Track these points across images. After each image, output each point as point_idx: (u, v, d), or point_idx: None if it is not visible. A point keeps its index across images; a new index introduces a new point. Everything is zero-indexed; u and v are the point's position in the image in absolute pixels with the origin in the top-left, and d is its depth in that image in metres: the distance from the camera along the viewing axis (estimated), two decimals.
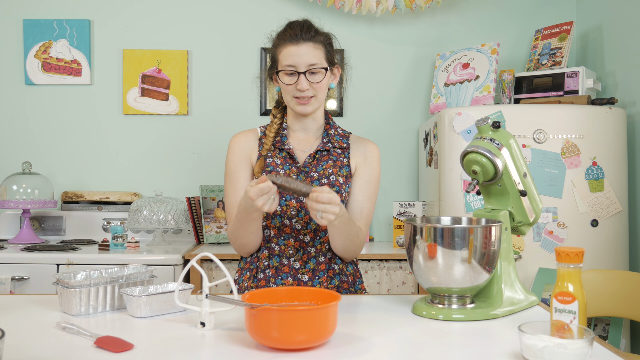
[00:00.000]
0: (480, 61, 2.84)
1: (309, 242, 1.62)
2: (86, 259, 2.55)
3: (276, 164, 1.64)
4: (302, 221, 1.60)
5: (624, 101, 2.73)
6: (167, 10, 3.19)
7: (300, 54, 1.57)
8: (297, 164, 1.64)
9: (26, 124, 3.19)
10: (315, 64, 1.58)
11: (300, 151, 1.68)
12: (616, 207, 2.51)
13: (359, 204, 1.66)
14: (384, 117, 3.24)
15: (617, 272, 2.36)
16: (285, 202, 1.60)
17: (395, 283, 2.68)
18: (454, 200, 2.53)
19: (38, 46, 3.15)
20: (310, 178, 1.62)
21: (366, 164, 1.70)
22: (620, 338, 2.42)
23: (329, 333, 1.09)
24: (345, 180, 1.64)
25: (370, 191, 1.69)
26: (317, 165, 1.64)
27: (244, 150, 1.69)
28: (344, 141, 1.71)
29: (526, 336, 1.01)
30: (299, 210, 1.60)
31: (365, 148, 1.72)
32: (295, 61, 1.58)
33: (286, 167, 1.64)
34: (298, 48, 1.58)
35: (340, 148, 1.69)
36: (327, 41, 1.64)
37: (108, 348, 1.07)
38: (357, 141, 1.73)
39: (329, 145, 1.67)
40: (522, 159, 1.44)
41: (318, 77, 1.60)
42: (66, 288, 1.32)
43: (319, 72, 1.59)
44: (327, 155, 1.67)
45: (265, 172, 1.63)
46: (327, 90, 1.66)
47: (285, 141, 1.67)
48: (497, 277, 1.38)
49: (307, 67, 1.58)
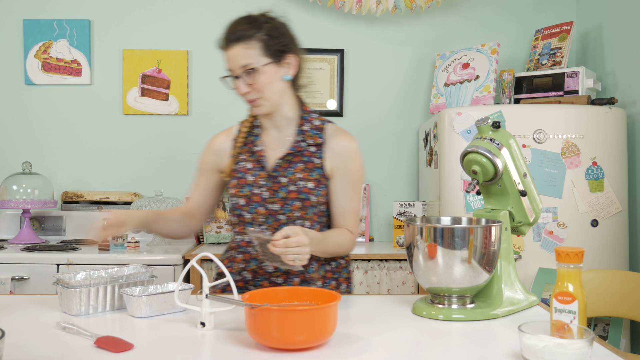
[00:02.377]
0: (480, 61, 2.84)
1: None
2: (86, 259, 2.54)
3: (246, 169, 1.61)
4: (272, 228, 1.57)
5: (624, 101, 2.73)
6: (167, 10, 3.19)
7: (231, 58, 1.52)
8: (266, 170, 1.59)
9: (26, 124, 3.19)
10: (247, 64, 1.51)
11: (271, 151, 1.62)
12: (616, 207, 2.51)
13: (341, 208, 1.61)
14: (384, 117, 3.24)
15: (617, 272, 2.36)
16: (254, 209, 1.58)
17: (395, 283, 2.68)
18: (454, 200, 2.53)
19: (38, 46, 3.15)
20: (278, 184, 1.57)
21: (343, 164, 1.60)
22: (620, 338, 2.42)
23: (329, 333, 1.09)
24: (317, 184, 1.58)
25: (351, 192, 1.61)
26: (287, 168, 1.58)
27: (216, 154, 1.68)
28: (319, 135, 1.61)
29: (526, 336, 1.01)
30: (267, 218, 1.57)
31: (341, 146, 1.61)
32: (229, 66, 1.54)
33: (255, 173, 1.60)
34: (229, 52, 1.53)
35: (315, 145, 1.60)
36: (268, 33, 1.54)
37: (108, 348, 1.07)
38: (334, 137, 1.62)
39: (301, 145, 1.59)
40: (522, 159, 1.44)
41: (255, 77, 1.51)
42: (66, 288, 1.32)
43: (255, 71, 1.51)
44: (299, 156, 1.59)
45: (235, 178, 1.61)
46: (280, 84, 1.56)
47: (257, 141, 1.63)
48: (497, 277, 1.38)
49: (241, 70, 1.52)
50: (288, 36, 1.60)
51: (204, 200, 1.71)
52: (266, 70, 1.52)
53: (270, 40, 1.54)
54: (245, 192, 1.59)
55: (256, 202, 1.58)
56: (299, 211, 1.56)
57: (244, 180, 1.60)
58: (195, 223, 1.72)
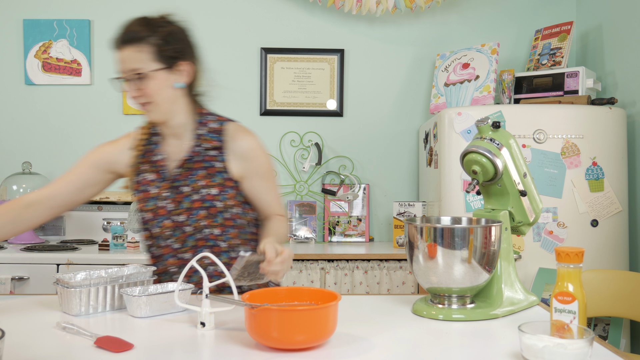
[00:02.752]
0: (480, 61, 2.84)
1: (190, 259, 1.53)
2: (86, 259, 2.55)
3: (148, 181, 1.56)
4: (180, 240, 1.55)
5: (624, 101, 2.72)
6: (167, 10, 3.18)
7: (122, 60, 1.46)
8: (167, 180, 1.55)
9: (26, 124, 3.19)
10: (137, 68, 1.44)
11: (171, 160, 1.57)
12: (616, 207, 2.51)
13: (265, 201, 1.60)
14: (384, 117, 3.24)
15: (617, 272, 2.36)
16: (160, 223, 1.55)
17: (395, 283, 2.68)
18: (454, 200, 2.53)
19: (38, 46, 3.15)
20: (181, 194, 1.53)
21: (251, 165, 1.57)
22: (620, 338, 2.42)
23: (329, 333, 1.09)
24: (222, 189, 1.53)
25: (267, 184, 1.59)
26: (188, 176, 1.54)
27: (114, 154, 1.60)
28: (216, 138, 1.55)
29: (526, 336, 1.01)
30: (174, 230, 1.54)
31: (243, 147, 1.56)
32: (120, 68, 1.47)
33: (157, 185, 1.55)
34: (120, 53, 1.47)
35: (215, 148, 1.55)
36: (162, 38, 1.47)
37: (108, 348, 1.07)
38: (233, 138, 1.56)
39: (197, 150, 1.54)
40: (522, 159, 1.44)
41: (144, 82, 1.45)
42: (66, 288, 1.32)
43: (146, 76, 1.45)
44: (199, 162, 1.54)
45: (138, 191, 1.57)
46: (171, 91, 1.50)
47: (156, 150, 1.57)
48: (497, 277, 1.38)
49: (130, 74, 1.46)
50: (184, 42, 1.54)
51: (75, 193, 1.59)
52: (156, 77, 1.46)
53: (164, 45, 1.47)
54: (151, 205, 1.55)
55: (162, 216, 1.54)
56: (205, 220, 1.53)
57: (147, 194, 1.56)
58: (38, 215, 1.55)
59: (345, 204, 3.11)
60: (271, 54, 3.19)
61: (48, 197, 1.56)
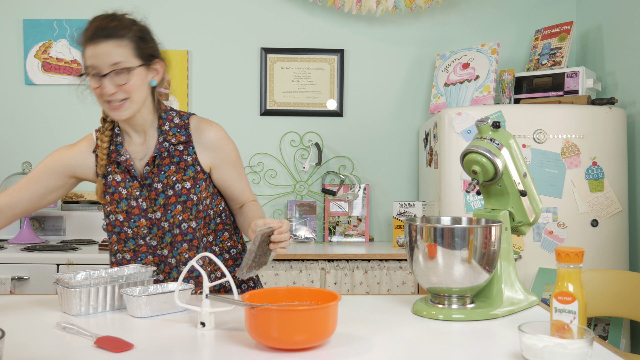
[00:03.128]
0: (480, 61, 2.84)
1: (168, 255, 1.55)
2: (86, 259, 2.55)
3: (117, 182, 1.54)
4: (157, 237, 1.54)
5: (624, 101, 2.73)
6: (167, 10, 3.19)
7: (99, 54, 1.42)
8: (137, 179, 1.54)
9: (26, 124, 3.19)
10: (119, 62, 1.42)
11: (138, 160, 1.55)
12: (616, 207, 2.51)
13: (238, 189, 1.62)
14: (384, 117, 3.24)
15: (617, 272, 2.36)
16: (135, 223, 1.54)
17: (395, 283, 2.68)
18: (454, 200, 2.53)
19: (38, 46, 3.15)
20: (154, 191, 1.53)
21: (220, 154, 1.58)
22: (620, 338, 2.42)
23: (329, 333, 1.09)
24: (194, 182, 1.54)
25: (238, 171, 1.62)
26: (158, 173, 1.53)
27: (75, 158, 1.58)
28: (182, 133, 1.55)
29: (526, 336, 1.01)
30: (151, 228, 1.54)
31: (209, 138, 1.57)
32: (95, 62, 1.42)
33: (127, 184, 1.54)
34: (97, 47, 1.42)
35: (181, 143, 1.55)
36: (139, 35, 1.48)
37: (108, 348, 1.07)
38: (198, 130, 1.57)
39: (165, 146, 1.54)
40: (522, 159, 1.44)
41: (124, 77, 1.43)
42: (66, 288, 1.32)
43: (125, 71, 1.43)
44: (167, 158, 1.54)
45: (107, 193, 1.55)
46: (146, 89, 1.50)
47: (121, 150, 1.55)
48: (497, 277, 1.38)
49: (110, 68, 1.42)
50: (155, 42, 1.55)
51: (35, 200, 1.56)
52: (137, 73, 1.46)
53: (141, 42, 1.48)
54: (123, 207, 1.54)
55: (136, 215, 1.54)
56: (182, 214, 1.53)
57: (118, 195, 1.54)
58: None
59: (345, 204, 3.11)
60: (271, 54, 3.19)
61: (10, 206, 1.54)
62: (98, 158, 1.56)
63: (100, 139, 1.56)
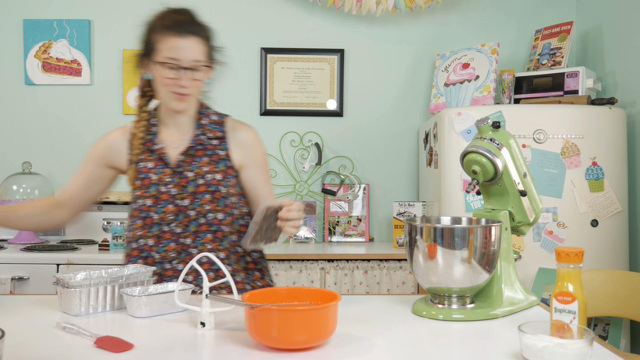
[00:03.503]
0: (480, 61, 2.84)
1: (191, 244, 1.56)
2: (86, 259, 2.55)
3: (148, 169, 1.58)
4: (182, 224, 1.56)
5: (624, 101, 2.73)
6: None
7: (185, 48, 1.48)
8: (169, 166, 1.57)
9: (26, 124, 3.19)
10: (200, 60, 1.50)
11: (172, 148, 1.60)
12: (616, 207, 2.51)
13: (262, 194, 1.63)
14: (384, 117, 3.24)
15: (617, 272, 2.36)
16: (162, 209, 1.56)
17: (395, 283, 2.68)
18: (454, 200, 2.53)
19: (38, 46, 3.15)
20: (185, 179, 1.56)
21: (250, 154, 1.63)
22: (620, 338, 2.42)
23: (329, 333, 1.09)
24: (225, 175, 1.58)
25: (265, 175, 1.66)
26: (191, 162, 1.58)
27: (109, 148, 1.64)
28: (219, 129, 1.62)
29: (526, 336, 1.01)
30: (177, 215, 1.56)
31: (243, 137, 1.64)
32: (179, 55, 1.48)
33: (159, 170, 1.57)
34: (183, 41, 1.48)
35: (217, 138, 1.61)
36: (211, 37, 1.57)
37: (108, 348, 1.07)
38: (233, 129, 1.64)
39: (201, 138, 1.59)
40: (522, 159, 1.44)
41: (200, 74, 1.52)
42: (66, 288, 1.32)
43: (201, 69, 1.51)
44: (201, 150, 1.59)
45: (138, 179, 1.58)
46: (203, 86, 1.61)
47: (155, 139, 1.60)
48: (497, 277, 1.38)
49: (191, 63, 1.49)
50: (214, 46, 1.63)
51: (83, 192, 1.64)
52: (205, 71, 1.54)
53: (212, 44, 1.58)
54: (152, 191, 1.57)
55: (164, 200, 1.56)
56: (210, 204, 1.56)
57: (148, 180, 1.57)
58: (64, 215, 1.64)
59: (345, 204, 3.11)
60: (271, 54, 3.19)
61: (70, 198, 1.64)
62: (133, 146, 1.60)
63: (137, 127, 1.61)
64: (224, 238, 1.58)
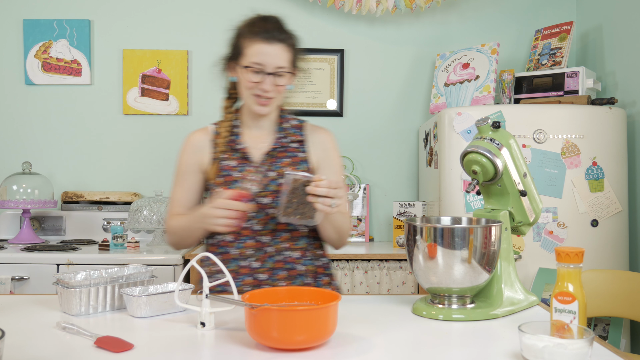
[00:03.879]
0: (480, 61, 2.84)
1: (268, 242, 1.59)
2: (86, 259, 2.54)
3: (231, 167, 1.61)
4: (262, 222, 1.59)
5: (624, 101, 2.73)
6: (167, 10, 3.19)
7: (270, 54, 1.54)
8: (252, 164, 1.62)
9: (26, 124, 3.19)
10: (283, 67, 1.55)
11: (255, 149, 1.64)
12: (616, 207, 2.51)
13: None
14: (384, 117, 3.24)
15: (617, 272, 2.36)
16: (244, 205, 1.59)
17: (395, 283, 2.68)
18: (454, 200, 2.53)
19: (38, 46, 3.15)
20: (267, 178, 1.60)
21: (327, 157, 1.68)
22: (620, 338, 2.42)
23: (329, 333, 1.09)
24: None
25: (338, 179, 1.68)
26: (273, 163, 1.62)
27: (196, 152, 1.67)
28: (299, 133, 1.68)
29: (526, 336, 1.01)
30: (258, 212, 1.58)
31: (322, 140, 1.70)
32: (264, 60, 1.54)
33: (241, 168, 1.61)
34: (269, 47, 1.54)
35: (297, 141, 1.67)
36: (296, 45, 1.62)
37: (108, 348, 1.07)
38: (312, 132, 1.70)
39: (284, 141, 1.65)
40: (522, 159, 1.44)
41: (283, 80, 1.57)
42: (66, 288, 1.32)
43: (284, 75, 1.57)
44: (283, 152, 1.64)
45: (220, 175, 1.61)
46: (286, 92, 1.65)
47: (238, 140, 1.64)
48: (497, 277, 1.38)
49: (275, 69, 1.55)
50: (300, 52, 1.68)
51: (191, 202, 1.68)
52: (288, 77, 1.59)
53: (297, 52, 1.62)
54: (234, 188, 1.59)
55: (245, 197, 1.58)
56: None
57: (230, 177, 1.60)
58: None
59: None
60: None
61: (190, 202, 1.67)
62: (217, 145, 1.64)
63: (222, 127, 1.67)
64: (300, 238, 1.62)
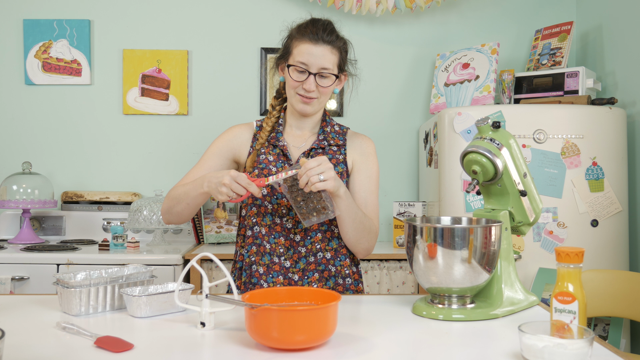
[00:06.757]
0: (480, 61, 2.84)
1: (300, 242, 1.61)
2: (86, 259, 2.55)
3: (269, 161, 1.64)
4: (293, 220, 1.61)
5: (624, 101, 2.73)
6: (167, 10, 3.19)
7: (315, 55, 1.57)
8: (290, 162, 1.64)
9: (26, 124, 3.19)
10: (328, 68, 1.58)
11: (294, 147, 1.67)
12: (616, 207, 2.51)
13: (363, 199, 1.66)
14: (384, 117, 3.24)
15: (617, 272, 2.36)
16: (277, 200, 1.61)
17: (395, 283, 2.68)
18: (454, 200, 2.53)
19: (38, 46, 3.15)
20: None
21: (364, 160, 1.69)
22: (620, 338, 2.42)
23: (329, 333, 1.09)
24: (341, 177, 1.64)
25: (372, 186, 1.68)
26: None
27: (232, 140, 1.69)
28: (340, 138, 1.70)
29: (526, 336, 1.01)
30: (290, 209, 1.61)
31: (362, 144, 1.71)
32: (309, 60, 1.57)
33: (279, 164, 1.64)
34: (315, 48, 1.57)
35: (337, 145, 1.69)
36: (344, 48, 1.65)
37: (108, 348, 1.07)
38: (353, 137, 1.73)
39: (324, 143, 1.67)
40: (522, 159, 1.44)
41: (326, 81, 1.59)
42: (66, 288, 1.32)
43: (328, 76, 1.59)
44: (322, 153, 1.66)
45: (257, 168, 1.63)
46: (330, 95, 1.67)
47: (279, 137, 1.67)
48: (497, 277, 1.38)
49: (319, 70, 1.57)
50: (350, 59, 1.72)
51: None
52: (333, 80, 1.61)
53: (345, 55, 1.66)
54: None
55: (280, 193, 1.61)
56: None
57: (267, 171, 1.63)
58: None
59: None
60: (271, 54, 3.19)
61: None
62: (259, 138, 1.67)
63: (266, 122, 1.69)
64: (333, 239, 1.63)
